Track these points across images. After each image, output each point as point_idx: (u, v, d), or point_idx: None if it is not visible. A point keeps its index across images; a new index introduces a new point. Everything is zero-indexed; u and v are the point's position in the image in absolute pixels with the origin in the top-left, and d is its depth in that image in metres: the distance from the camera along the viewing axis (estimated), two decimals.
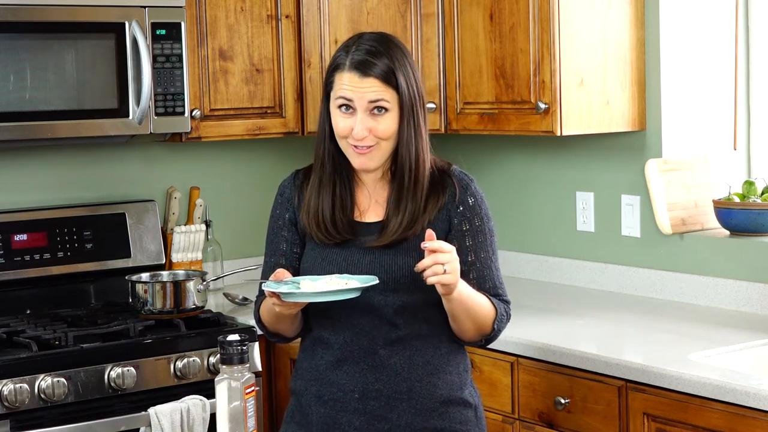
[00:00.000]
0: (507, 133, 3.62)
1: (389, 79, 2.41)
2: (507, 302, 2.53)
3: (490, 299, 2.47)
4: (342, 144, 2.45)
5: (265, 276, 2.57)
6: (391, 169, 2.49)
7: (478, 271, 2.48)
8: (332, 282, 2.33)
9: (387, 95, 2.41)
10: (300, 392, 2.51)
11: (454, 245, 2.45)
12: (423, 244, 2.27)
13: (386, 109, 2.41)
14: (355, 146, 2.42)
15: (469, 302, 2.40)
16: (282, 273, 2.38)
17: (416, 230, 2.43)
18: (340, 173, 2.50)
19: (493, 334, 2.49)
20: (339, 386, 2.44)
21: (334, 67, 2.46)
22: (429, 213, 2.45)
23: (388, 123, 2.42)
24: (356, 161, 2.45)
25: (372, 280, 2.33)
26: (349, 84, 2.41)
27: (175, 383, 3.32)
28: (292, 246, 2.56)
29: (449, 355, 2.48)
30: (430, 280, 2.28)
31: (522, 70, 3.49)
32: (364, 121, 2.40)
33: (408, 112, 2.43)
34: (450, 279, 2.28)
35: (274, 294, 2.32)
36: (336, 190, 2.48)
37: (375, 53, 2.42)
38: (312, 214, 2.48)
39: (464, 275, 2.44)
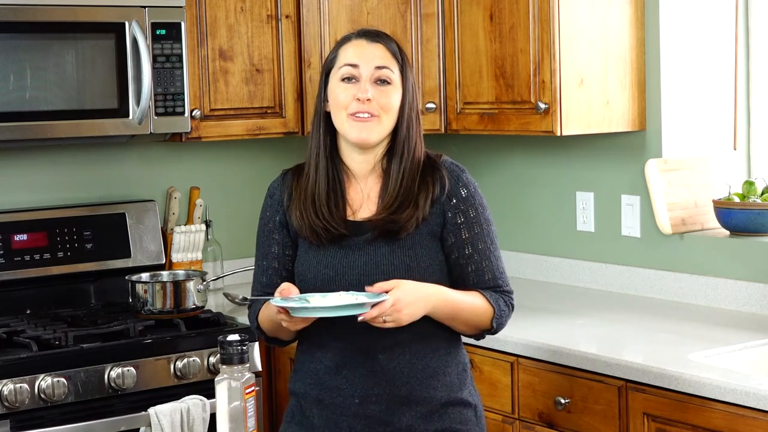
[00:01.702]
0: (507, 133, 3.62)
1: (395, 52, 2.45)
2: (508, 292, 2.50)
3: (486, 297, 2.45)
4: (340, 118, 2.43)
5: (258, 278, 2.58)
6: (383, 163, 2.48)
7: (476, 264, 2.46)
8: (342, 298, 2.31)
9: (392, 66, 2.43)
10: (300, 394, 2.50)
11: (450, 240, 2.44)
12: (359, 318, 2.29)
13: (389, 83, 2.42)
14: (356, 115, 2.40)
15: (455, 312, 2.42)
16: (288, 290, 2.35)
17: (409, 222, 2.41)
18: (333, 167, 2.47)
19: (494, 330, 2.49)
20: (339, 391, 2.43)
21: (339, 43, 2.48)
22: (422, 208, 2.42)
23: (392, 97, 2.42)
24: (354, 133, 2.41)
25: (382, 297, 2.30)
26: (356, 49, 2.43)
27: (175, 383, 3.32)
28: (284, 249, 2.54)
29: (448, 357, 2.47)
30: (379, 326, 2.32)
31: (522, 70, 3.49)
32: (368, 87, 2.40)
33: (409, 91, 2.45)
34: (393, 325, 2.31)
35: (283, 309, 2.30)
36: (329, 182, 2.46)
37: (383, 33, 2.49)
38: (309, 202, 2.45)
39: (462, 268, 2.45)
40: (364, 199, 2.48)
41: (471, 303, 2.44)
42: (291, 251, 2.53)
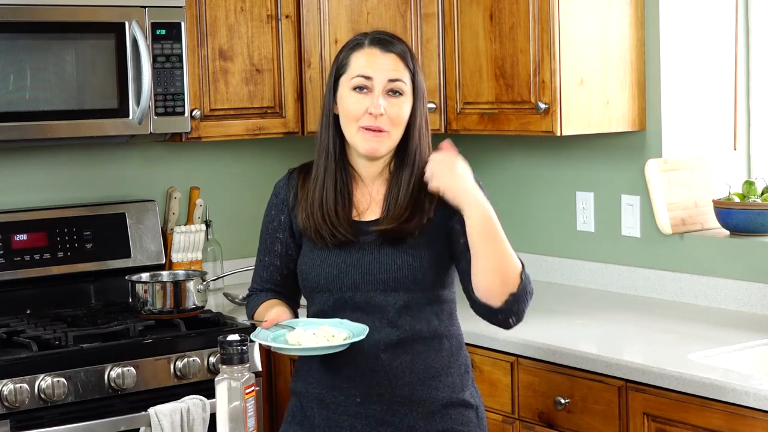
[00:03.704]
0: (507, 133, 3.62)
1: (407, 60, 2.44)
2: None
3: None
4: (351, 129, 2.43)
5: (259, 273, 2.61)
6: (390, 165, 2.48)
7: None
8: (320, 332, 2.32)
9: (405, 77, 2.43)
10: (301, 393, 2.51)
11: (457, 226, 2.43)
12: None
13: (401, 94, 2.42)
14: (367, 128, 2.40)
15: (494, 231, 2.33)
16: (274, 319, 2.37)
17: (415, 228, 2.42)
18: (341, 170, 2.48)
19: (520, 291, 2.36)
20: (340, 390, 2.43)
21: (351, 47, 2.46)
22: (427, 211, 2.43)
23: (403, 108, 2.42)
24: (365, 145, 2.41)
25: (363, 331, 2.32)
26: (369, 59, 2.41)
27: (175, 383, 3.32)
28: (287, 248, 2.55)
29: (450, 358, 2.47)
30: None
31: (522, 70, 3.49)
32: (381, 102, 2.39)
33: (420, 100, 2.45)
34: (432, 178, 2.33)
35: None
36: (337, 185, 2.47)
37: (393, 36, 2.48)
38: (317, 205, 2.45)
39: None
40: (370, 201, 2.49)
41: (506, 242, 2.37)
42: (294, 252, 2.55)
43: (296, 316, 2.52)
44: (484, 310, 2.40)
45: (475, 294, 2.39)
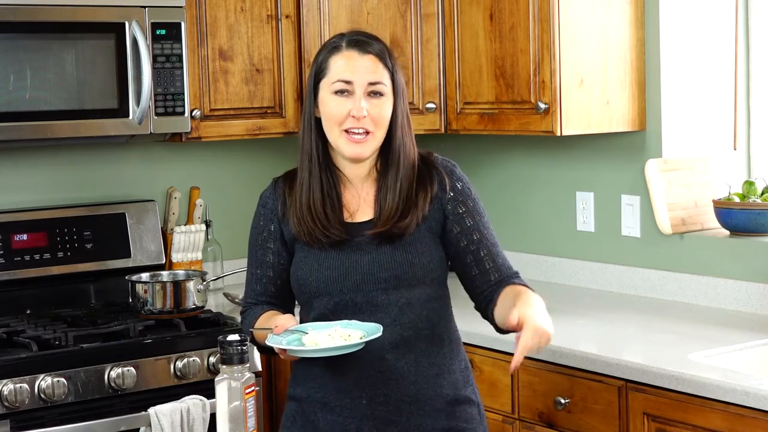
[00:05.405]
0: (507, 133, 3.62)
1: (385, 60, 2.44)
2: (517, 273, 2.51)
3: (527, 286, 2.45)
4: (334, 133, 2.43)
5: (252, 286, 2.58)
6: (377, 165, 2.49)
7: (486, 248, 2.47)
8: (335, 333, 2.31)
9: (384, 78, 2.43)
10: (302, 398, 2.49)
11: (455, 230, 2.44)
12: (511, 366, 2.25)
13: (382, 94, 2.42)
14: (351, 132, 2.40)
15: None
16: (283, 326, 2.34)
17: (410, 225, 2.42)
18: (327, 172, 2.47)
19: None
20: (346, 393, 2.42)
21: (329, 50, 2.45)
22: (421, 208, 2.43)
23: (384, 108, 2.42)
24: (349, 149, 2.42)
25: (377, 330, 2.31)
26: (348, 62, 2.41)
27: (175, 383, 3.32)
28: (279, 258, 2.54)
29: (451, 354, 2.48)
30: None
31: (522, 70, 3.49)
32: (362, 105, 2.40)
33: (400, 98, 2.46)
34: (546, 344, 2.29)
35: (281, 349, 2.30)
36: (323, 187, 2.46)
37: (370, 36, 2.48)
38: (305, 209, 2.45)
39: (475, 254, 2.46)
40: (360, 202, 2.49)
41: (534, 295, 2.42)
42: (286, 261, 2.53)
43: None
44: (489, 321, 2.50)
45: (493, 317, 2.47)
